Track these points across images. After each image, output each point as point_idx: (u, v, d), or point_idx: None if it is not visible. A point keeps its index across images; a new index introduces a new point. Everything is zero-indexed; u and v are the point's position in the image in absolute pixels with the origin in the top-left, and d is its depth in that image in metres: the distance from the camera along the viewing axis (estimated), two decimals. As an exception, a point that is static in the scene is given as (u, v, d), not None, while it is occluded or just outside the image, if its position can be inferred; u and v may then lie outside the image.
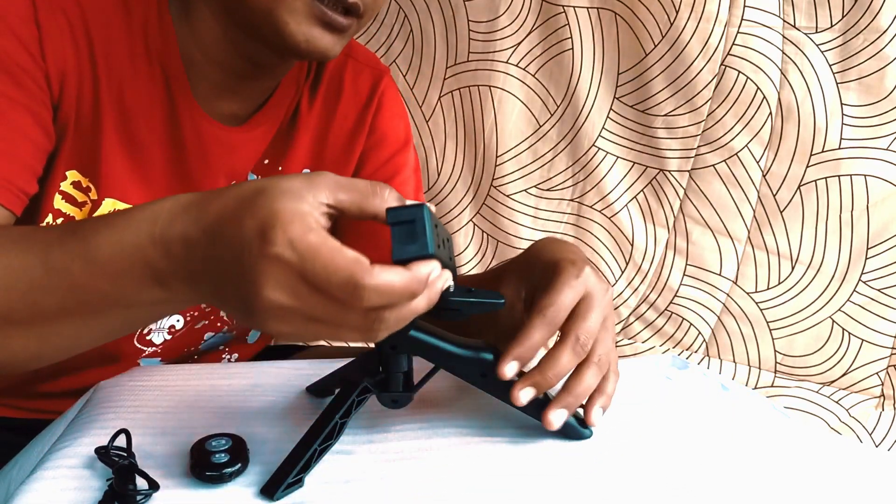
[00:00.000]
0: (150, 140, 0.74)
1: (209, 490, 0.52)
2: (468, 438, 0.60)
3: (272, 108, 0.81)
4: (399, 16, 1.23)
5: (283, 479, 0.53)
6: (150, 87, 0.73)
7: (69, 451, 0.56)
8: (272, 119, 0.81)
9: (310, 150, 0.86)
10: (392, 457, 0.57)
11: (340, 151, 0.87)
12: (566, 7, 1.16)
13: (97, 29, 0.69)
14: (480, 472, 0.55)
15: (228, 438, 0.56)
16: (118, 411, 0.62)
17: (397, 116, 0.93)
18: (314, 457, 0.54)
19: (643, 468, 0.56)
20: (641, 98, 1.17)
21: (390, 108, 0.91)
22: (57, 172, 0.71)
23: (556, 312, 0.56)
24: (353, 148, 0.88)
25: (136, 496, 0.50)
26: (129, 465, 0.53)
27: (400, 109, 0.94)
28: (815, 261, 1.14)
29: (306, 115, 0.84)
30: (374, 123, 0.89)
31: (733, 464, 0.58)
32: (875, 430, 1.16)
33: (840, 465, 0.61)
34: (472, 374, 0.57)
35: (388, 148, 0.91)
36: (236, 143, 0.79)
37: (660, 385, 0.72)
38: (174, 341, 0.83)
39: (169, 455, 0.56)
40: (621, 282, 1.24)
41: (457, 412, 0.63)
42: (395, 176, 0.91)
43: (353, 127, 0.88)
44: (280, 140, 0.83)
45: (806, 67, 1.09)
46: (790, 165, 1.13)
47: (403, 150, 0.93)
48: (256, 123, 0.80)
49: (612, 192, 1.22)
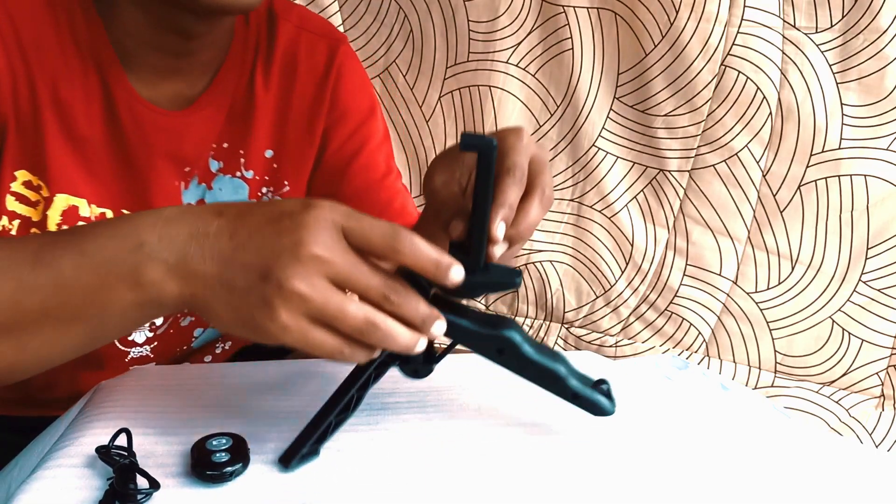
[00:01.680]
0: (92, 133, 0.74)
1: (210, 489, 0.52)
2: (474, 433, 0.60)
3: (218, 87, 0.79)
4: (399, 16, 1.23)
5: (298, 449, 0.55)
6: (84, 80, 0.72)
7: (70, 450, 0.56)
8: (219, 99, 0.80)
9: (271, 131, 0.84)
10: (401, 448, 0.57)
11: (302, 130, 0.86)
12: (566, 7, 1.16)
13: (25, 28, 0.69)
14: (481, 469, 0.55)
15: (229, 438, 0.56)
16: (119, 410, 0.62)
17: (358, 86, 0.90)
18: (330, 428, 0.55)
19: (643, 468, 0.57)
20: (641, 98, 1.17)
21: (350, 79, 0.88)
22: (5, 174, 0.71)
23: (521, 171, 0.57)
24: (315, 126, 0.86)
25: (137, 495, 0.50)
26: (129, 465, 0.53)
27: (361, 78, 0.91)
28: (815, 261, 1.14)
29: (263, 96, 0.83)
30: (335, 97, 0.87)
31: (733, 464, 0.58)
32: (875, 430, 1.16)
33: (840, 465, 0.61)
34: (489, 350, 0.56)
35: (352, 121, 0.89)
36: (181, 127, 0.78)
37: (660, 385, 0.72)
38: (163, 343, 0.83)
39: (170, 454, 0.56)
40: (621, 282, 1.24)
41: (466, 407, 0.63)
42: (362, 148, 0.89)
43: (311, 103, 0.86)
44: (237, 122, 0.82)
45: (806, 67, 1.09)
46: (790, 165, 1.13)
47: (369, 121, 0.90)
48: (202, 105, 0.78)
49: (612, 192, 1.22)
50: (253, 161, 0.84)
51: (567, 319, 1.28)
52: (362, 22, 1.25)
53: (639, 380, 0.72)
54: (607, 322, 1.26)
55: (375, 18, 1.24)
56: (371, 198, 0.90)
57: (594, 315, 1.27)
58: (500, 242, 0.55)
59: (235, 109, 0.81)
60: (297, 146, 0.86)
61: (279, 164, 0.85)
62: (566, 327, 1.28)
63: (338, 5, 1.24)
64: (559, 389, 0.57)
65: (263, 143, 0.84)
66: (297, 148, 0.86)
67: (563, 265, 1.26)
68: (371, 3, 1.24)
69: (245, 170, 0.84)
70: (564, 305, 1.27)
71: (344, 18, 1.25)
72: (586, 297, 1.26)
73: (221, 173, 0.83)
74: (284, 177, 0.86)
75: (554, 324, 1.29)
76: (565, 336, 1.28)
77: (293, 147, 0.85)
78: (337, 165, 0.88)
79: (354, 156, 0.89)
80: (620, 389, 0.68)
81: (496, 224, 0.55)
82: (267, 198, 0.86)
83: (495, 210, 0.56)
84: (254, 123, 0.82)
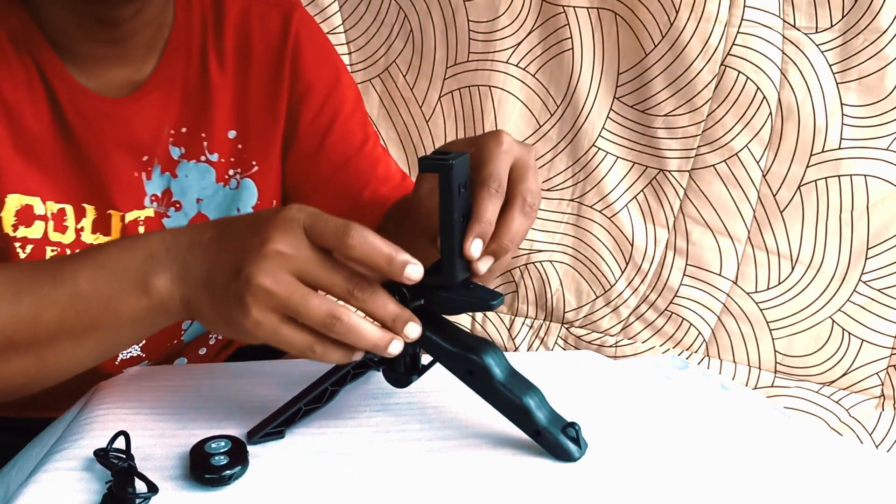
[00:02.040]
0: (40, 129, 0.73)
1: (209, 492, 0.52)
2: (473, 434, 0.60)
3: (165, 70, 0.77)
4: (399, 16, 1.23)
5: (264, 427, 0.57)
6: (26, 77, 0.72)
7: (68, 452, 0.56)
8: (168, 82, 0.78)
9: (231, 111, 0.82)
10: (400, 450, 0.57)
11: (264, 108, 0.83)
12: (566, 7, 1.16)
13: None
14: (481, 470, 0.55)
15: (228, 440, 0.56)
16: (117, 413, 0.62)
17: (320, 55, 0.86)
18: (298, 414, 0.58)
19: (643, 468, 0.56)
20: (641, 98, 1.17)
21: (309, 48, 0.85)
22: None
23: (499, 182, 0.56)
24: (277, 102, 0.83)
25: (136, 499, 0.50)
26: (128, 468, 0.53)
27: (321, 45, 0.88)
28: (815, 261, 1.14)
29: (218, 75, 0.80)
30: (296, 71, 0.83)
31: (733, 464, 0.58)
32: (875, 431, 1.16)
33: (840, 465, 0.61)
34: (460, 370, 0.57)
35: (318, 93, 0.85)
36: (130, 114, 0.76)
37: (660, 385, 0.72)
38: (152, 339, 0.83)
39: (168, 457, 0.56)
40: (621, 282, 1.24)
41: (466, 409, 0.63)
42: (334, 121, 0.87)
43: (271, 78, 0.83)
44: (193, 105, 0.80)
45: (806, 67, 1.09)
46: (790, 165, 1.12)
47: (336, 90, 0.87)
48: (149, 89, 0.77)
49: (612, 192, 1.22)
50: (216, 144, 0.82)
51: (567, 319, 1.28)
52: (362, 22, 1.25)
53: (639, 380, 0.72)
54: (607, 322, 1.26)
55: (375, 18, 1.24)
56: (351, 170, 0.88)
57: (594, 315, 1.27)
58: (477, 259, 0.55)
59: (190, 92, 0.79)
60: (261, 124, 0.83)
61: (244, 145, 0.83)
62: (566, 327, 1.28)
63: (338, 5, 1.24)
64: (522, 423, 0.57)
65: (225, 125, 0.82)
66: (261, 126, 0.83)
67: (563, 265, 1.26)
68: (371, 3, 1.23)
69: (209, 153, 0.82)
70: (564, 305, 1.27)
71: (344, 18, 1.25)
72: (586, 297, 1.26)
73: (184, 159, 0.81)
74: (251, 157, 0.84)
75: (554, 324, 1.29)
76: (565, 336, 1.28)
77: (257, 126, 0.83)
78: (311, 142, 0.86)
79: (328, 130, 0.87)
80: (620, 389, 0.68)
81: (470, 241, 0.54)
82: (235, 180, 0.84)
83: (471, 226, 0.55)
84: (212, 105, 0.80)
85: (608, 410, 0.64)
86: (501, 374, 0.56)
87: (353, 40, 1.26)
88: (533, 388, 0.58)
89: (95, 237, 0.78)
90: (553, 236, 1.26)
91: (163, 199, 0.81)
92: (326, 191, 0.89)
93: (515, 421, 0.57)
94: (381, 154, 0.92)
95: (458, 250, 0.54)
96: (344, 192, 0.89)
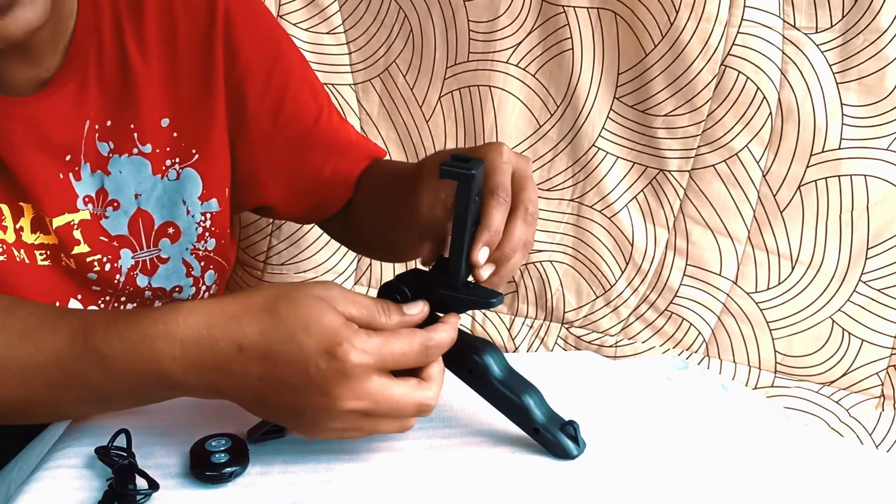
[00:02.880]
0: None
1: (209, 490, 0.52)
2: (474, 435, 0.60)
3: (74, 62, 0.73)
4: (399, 16, 1.23)
5: (263, 425, 0.58)
6: None
7: (69, 451, 0.57)
8: (78, 75, 0.74)
9: (160, 98, 0.78)
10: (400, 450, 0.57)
11: (198, 91, 0.79)
12: (566, 7, 1.16)
13: None
14: (482, 471, 0.55)
15: (228, 439, 0.56)
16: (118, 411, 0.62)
17: (255, 27, 0.81)
18: None
19: (643, 468, 0.57)
20: (641, 98, 1.17)
21: (243, 22, 0.80)
22: None
23: (506, 192, 0.58)
24: (212, 86, 0.79)
25: (136, 496, 0.50)
26: (129, 465, 0.53)
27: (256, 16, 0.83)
28: (815, 261, 1.14)
29: (141, 63, 0.76)
30: (231, 49, 0.79)
31: (733, 464, 0.58)
32: (875, 431, 1.16)
33: (840, 465, 0.61)
34: (461, 369, 0.57)
35: (261, 70, 0.81)
36: (41, 112, 0.72)
37: (660, 385, 0.72)
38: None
39: (169, 455, 0.56)
40: (621, 282, 1.24)
41: (466, 409, 0.64)
42: (283, 98, 0.83)
43: (201, 60, 0.78)
44: (115, 96, 0.76)
45: (806, 67, 1.09)
46: (790, 165, 1.13)
47: (279, 63, 0.83)
48: (59, 84, 0.73)
49: (612, 192, 1.22)
50: (148, 134, 0.78)
51: (567, 319, 1.28)
52: (362, 22, 1.25)
53: (639, 380, 0.72)
54: (607, 322, 1.26)
55: (375, 18, 1.24)
56: (310, 146, 0.85)
57: (594, 315, 1.27)
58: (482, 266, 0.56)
59: (108, 82, 0.76)
60: (197, 110, 0.79)
61: (179, 133, 0.79)
62: (566, 327, 1.28)
63: (338, 5, 1.24)
64: (521, 421, 0.58)
65: (156, 113, 0.78)
66: (197, 111, 0.79)
67: (563, 265, 1.26)
68: (371, 3, 1.23)
69: (141, 144, 0.78)
70: (564, 305, 1.27)
71: (344, 18, 1.25)
72: (586, 297, 1.26)
73: (115, 154, 0.78)
74: (190, 146, 0.80)
75: (554, 324, 1.28)
76: (565, 336, 1.28)
77: (192, 111, 0.79)
78: (263, 125, 0.83)
79: (278, 109, 0.83)
80: (620, 389, 0.68)
81: (478, 249, 0.56)
82: (175, 171, 0.80)
83: (480, 234, 0.56)
84: (137, 93, 0.76)
85: (608, 410, 0.64)
86: (501, 372, 0.57)
87: (353, 40, 1.26)
88: (532, 387, 0.58)
89: (36, 236, 0.75)
90: (553, 236, 1.26)
91: (98, 199, 0.78)
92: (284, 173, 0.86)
93: (514, 419, 0.58)
94: (338, 122, 0.88)
95: (465, 254, 0.56)
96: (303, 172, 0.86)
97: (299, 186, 0.88)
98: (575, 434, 0.57)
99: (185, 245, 0.85)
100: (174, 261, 0.85)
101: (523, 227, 0.58)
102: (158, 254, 0.84)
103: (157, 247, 0.83)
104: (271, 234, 1.30)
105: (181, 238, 0.84)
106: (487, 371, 0.56)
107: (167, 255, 0.85)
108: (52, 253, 0.77)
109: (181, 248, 0.85)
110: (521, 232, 0.58)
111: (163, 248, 0.84)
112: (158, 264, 0.84)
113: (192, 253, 0.86)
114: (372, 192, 0.87)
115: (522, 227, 0.58)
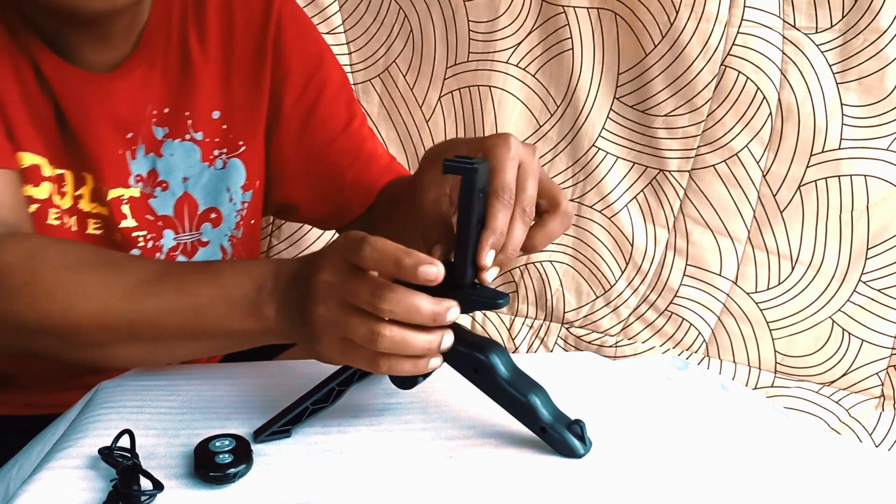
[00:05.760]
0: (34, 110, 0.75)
1: (213, 490, 0.53)
2: (475, 435, 0.60)
3: (145, 49, 0.79)
4: (399, 16, 1.23)
5: (270, 425, 0.58)
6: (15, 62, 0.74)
7: (72, 451, 0.57)
8: (148, 62, 0.79)
9: (215, 92, 0.83)
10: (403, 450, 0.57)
11: (249, 88, 0.84)
12: (566, 7, 1.16)
13: None
14: (482, 471, 0.55)
15: (232, 439, 0.56)
16: (121, 412, 0.62)
17: (302, 34, 0.87)
18: (305, 413, 0.59)
19: (643, 468, 0.57)
20: (641, 98, 1.17)
21: (291, 28, 0.86)
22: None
23: (510, 192, 0.58)
24: (260, 84, 0.85)
25: (141, 496, 0.50)
26: (132, 466, 0.53)
27: (303, 25, 0.89)
28: (815, 261, 1.14)
29: (200, 56, 0.81)
30: (279, 51, 0.85)
31: (733, 464, 0.58)
32: (875, 431, 1.17)
33: (840, 465, 0.61)
34: (467, 368, 0.57)
35: (301, 74, 0.86)
36: (111, 89, 0.78)
37: (660, 385, 0.72)
38: None
39: (173, 455, 0.56)
40: (621, 282, 1.24)
41: (468, 408, 0.64)
42: (318, 101, 0.87)
43: (253, 58, 0.84)
44: (176, 86, 0.81)
45: (806, 67, 1.09)
46: (790, 165, 1.13)
47: (319, 70, 0.88)
48: (130, 67, 0.78)
49: (612, 193, 1.22)
50: (201, 123, 0.83)
51: (567, 319, 1.28)
52: (362, 22, 1.25)
53: (639, 380, 0.72)
54: (607, 322, 1.26)
55: (375, 18, 1.24)
56: (334, 151, 0.89)
57: (594, 315, 1.27)
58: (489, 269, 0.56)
59: (170, 72, 0.81)
60: (246, 105, 0.84)
61: (229, 125, 0.84)
62: (566, 327, 1.28)
63: (338, 5, 1.24)
64: (528, 420, 0.58)
65: (209, 105, 0.83)
66: (246, 107, 0.85)
67: (563, 265, 1.27)
68: (371, 3, 1.23)
69: (194, 131, 0.83)
70: (564, 305, 1.27)
71: (344, 18, 1.25)
72: (586, 297, 1.26)
73: (169, 139, 0.82)
74: (238, 137, 0.85)
75: (554, 324, 1.29)
76: (565, 336, 1.28)
77: (241, 106, 0.84)
78: (296, 123, 0.87)
79: (312, 110, 0.88)
80: (621, 390, 0.68)
81: (485, 252, 0.56)
82: (221, 160, 0.86)
83: (486, 236, 0.56)
84: (195, 85, 0.81)
85: (609, 411, 0.65)
86: (507, 371, 0.57)
87: (353, 40, 1.26)
88: (538, 386, 0.58)
89: (94, 206, 0.80)
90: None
91: (148, 179, 0.83)
92: (309, 173, 0.90)
93: (520, 418, 0.58)
94: (368, 134, 0.92)
95: (471, 254, 0.55)
96: (327, 173, 0.90)
97: (322, 187, 0.91)
98: (581, 433, 0.57)
99: (225, 231, 0.89)
100: (213, 245, 0.89)
101: (522, 230, 0.58)
102: (199, 237, 0.88)
103: (199, 230, 0.88)
104: (271, 235, 1.30)
105: (222, 224, 0.88)
106: (493, 370, 0.56)
107: (207, 239, 0.89)
108: (104, 223, 0.81)
109: (221, 233, 0.89)
110: (521, 234, 0.58)
111: (204, 233, 0.88)
112: (198, 247, 0.88)
113: (230, 240, 0.90)
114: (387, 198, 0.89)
115: (521, 229, 0.58)
